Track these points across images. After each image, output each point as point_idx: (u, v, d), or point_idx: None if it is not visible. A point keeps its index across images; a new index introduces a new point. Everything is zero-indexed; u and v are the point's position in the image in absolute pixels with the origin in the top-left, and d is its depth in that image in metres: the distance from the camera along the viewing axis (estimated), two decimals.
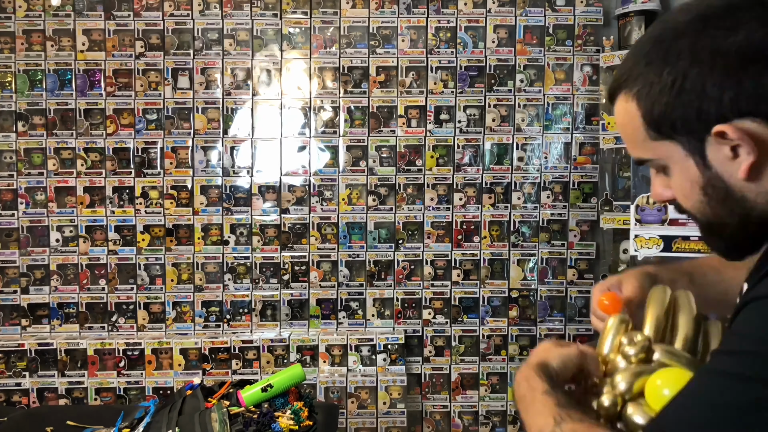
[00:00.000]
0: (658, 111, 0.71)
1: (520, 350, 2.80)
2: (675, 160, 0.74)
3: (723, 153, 0.70)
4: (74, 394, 2.69)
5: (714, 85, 0.67)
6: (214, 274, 2.79)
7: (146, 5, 2.75)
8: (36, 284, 2.76)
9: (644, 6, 2.56)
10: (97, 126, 2.77)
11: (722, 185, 0.72)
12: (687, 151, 0.72)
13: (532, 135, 2.78)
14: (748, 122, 0.66)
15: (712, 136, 0.69)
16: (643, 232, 1.34)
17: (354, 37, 2.77)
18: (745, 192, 0.70)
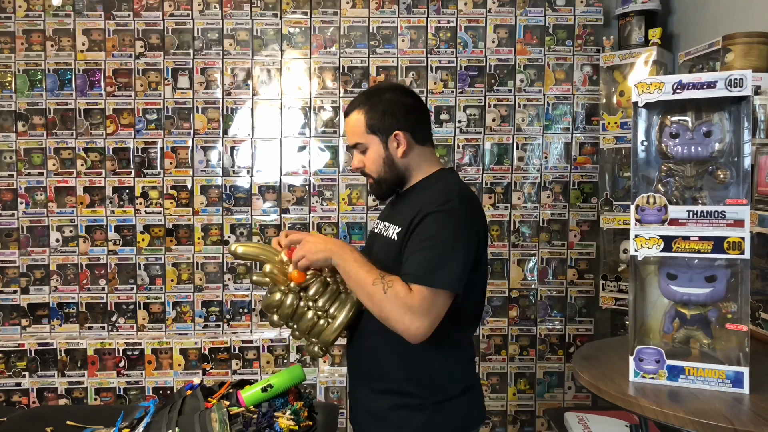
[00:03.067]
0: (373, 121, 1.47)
1: (520, 350, 2.80)
2: (373, 145, 1.49)
3: (393, 144, 1.48)
4: (74, 394, 2.69)
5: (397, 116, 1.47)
6: (214, 274, 2.79)
7: (146, 5, 2.75)
8: (36, 284, 2.76)
9: (644, 6, 2.56)
10: (97, 126, 2.77)
11: (390, 159, 1.49)
12: (381, 141, 1.48)
13: (532, 135, 2.78)
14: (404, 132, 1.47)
15: (392, 136, 1.48)
16: (643, 232, 1.34)
17: (354, 37, 2.77)
18: (397, 164, 1.50)
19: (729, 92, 1.27)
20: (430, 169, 1.51)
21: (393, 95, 1.49)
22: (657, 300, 1.42)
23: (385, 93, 1.49)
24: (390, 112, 1.46)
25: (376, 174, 1.50)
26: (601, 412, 2.34)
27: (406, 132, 1.47)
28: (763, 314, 1.68)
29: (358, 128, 1.48)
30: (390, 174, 1.49)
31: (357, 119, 1.48)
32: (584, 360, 1.53)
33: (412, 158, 1.49)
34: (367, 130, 1.47)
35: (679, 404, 1.24)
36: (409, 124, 1.48)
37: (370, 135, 1.47)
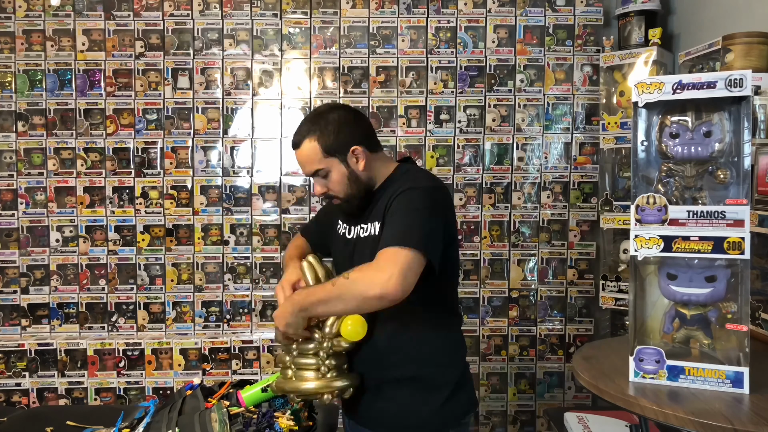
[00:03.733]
0: (328, 143, 1.48)
1: (520, 350, 2.80)
2: (334, 167, 1.49)
3: (353, 160, 1.50)
4: (74, 394, 2.69)
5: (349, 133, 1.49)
6: (214, 274, 2.79)
7: (146, 5, 2.75)
8: (36, 284, 2.76)
9: (644, 6, 2.56)
10: (97, 126, 2.77)
11: (353, 175, 1.50)
12: (341, 161, 1.49)
13: (532, 135, 2.78)
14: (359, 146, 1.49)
15: (350, 152, 1.49)
16: (643, 232, 1.34)
17: (354, 37, 2.77)
18: (361, 177, 1.51)
19: (729, 92, 1.27)
20: (389, 169, 1.56)
21: (336, 114, 1.50)
22: (657, 300, 1.42)
23: (329, 114, 1.50)
24: (341, 130, 1.48)
25: (343, 194, 1.51)
26: (601, 412, 2.34)
27: (361, 145, 1.49)
28: (763, 314, 1.68)
29: (314, 156, 1.48)
30: (357, 189, 1.51)
31: (310, 146, 1.48)
32: (584, 360, 1.53)
33: (371, 168, 1.52)
34: (324, 155, 1.47)
35: (679, 404, 1.23)
36: (361, 137, 1.50)
37: (329, 158, 1.48)
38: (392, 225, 1.38)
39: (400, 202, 1.41)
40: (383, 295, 1.29)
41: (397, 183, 1.49)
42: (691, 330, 1.38)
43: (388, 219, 1.41)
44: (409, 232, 1.33)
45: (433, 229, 1.38)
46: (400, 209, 1.39)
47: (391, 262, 1.30)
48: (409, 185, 1.43)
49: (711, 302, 1.35)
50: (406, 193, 1.41)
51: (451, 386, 1.50)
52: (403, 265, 1.29)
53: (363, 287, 1.31)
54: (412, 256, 1.31)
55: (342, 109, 1.55)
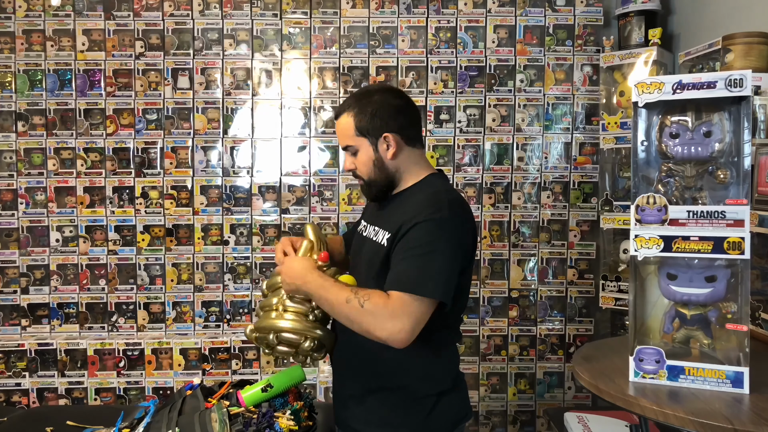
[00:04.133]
0: (362, 123, 1.47)
1: (520, 350, 2.80)
2: (363, 148, 1.49)
3: (383, 146, 1.48)
4: (74, 394, 2.69)
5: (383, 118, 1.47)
6: (214, 274, 2.79)
7: (146, 5, 2.75)
8: (36, 284, 2.76)
9: (644, 6, 2.56)
10: (97, 126, 2.77)
11: (380, 161, 1.49)
12: (370, 144, 1.48)
13: (532, 135, 2.78)
14: (393, 134, 1.47)
15: (381, 138, 1.47)
16: (643, 232, 1.34)
17: (354, 37, 2.77)
18: (388, 166, 1.50)
19: (729, 92, 1.27)
20: (420, 173, 1.51)
21: (382, 97, 1.48)
22: (657, 300, 1.42)
23: (374, 95, 1.49)
24: (379, 114, 1.46)
25: (367, 176, 1.51)
26: (601, 412, 2.34)
27: (395, 134, 1.46)
28: (763, 314, 1.68)
29: (348, 131, 1.49)
30: (380, 176, 1.50)
31: (346, 122, 1.49)
32: (584, 360, 1.53)
33: (402, 160, 1.49)
34: (356, 133, 1.48)
35: (679, 404, 1.24)
36: (398, 126, 1.47)
37: (360, 137, 1.48)
38: (409, 263, 1.34)
39: (419, 235, 1.35)
40: (388, 341, 1.30)
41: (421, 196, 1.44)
42: (691, 330, 1.38)
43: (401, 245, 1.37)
44: (427, 278, 1.31)
45: (449, 270, 1.35)
46: (420, 245, 1.34)
47: (405, 313, 1.29)
48: (433, 215, 1.36)
49: (711, 302, 1.35)
50: (428, 225, 1.35)
51: (434, 398, 1.47)
52: (416, 318, 1.30)
53: (372, 325, 1.30)
54: (427, 305, 1.32)
55: (389, 93, 1.52)
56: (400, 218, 1.41)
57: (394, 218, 1.44)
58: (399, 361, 1.43)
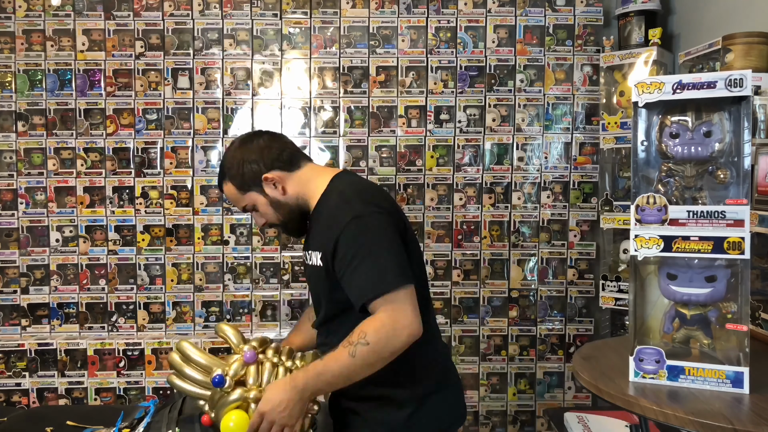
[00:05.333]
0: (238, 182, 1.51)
1: (520, 350, 2.80)
2: (257, 200, 1.52)
3: (270, 187, 1.51)
4: (74, 394, 2.69)
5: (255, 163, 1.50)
6: (214, 274, 2.79)
7: (146, 5, 2.75)
8: (36, 284, 2.76)
9: (644, 6, 2.56)
10: (97, 126, 2.77)
11: (276, 202, 1.51)
12: (258, 193, 1.52)
13: (532, 135, 2.78)
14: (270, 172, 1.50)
15: (263, 182, 1.50)
16: (643, 232, 1.34)
17: (354, 37, 2.77)
18: (286, 201, 1.52)
19: (729, 92, 1.27)
20: (320, 185, 1.51)
21: (237, 151, 1.52)
22: (657, 300, 1.42)
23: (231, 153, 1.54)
24: (246, 166, 1.50)
25: (277, 219, 1.55)
26: (601, 412, 2.34)
27: (271, 170, 1.50)
28: (763, 314, 1.68)
29: (234, 196, 1.55)
30: (287, 212, 1.53)
31: (229, 189, 1.55)
32: (584, 360, 1.53)
33: (294, 187, 1.51)
34: (241, 192, 1.53)
35: (679, 404, 1.24)
36: (270, 163, 1.50)
37: (247, 194, 1.52)
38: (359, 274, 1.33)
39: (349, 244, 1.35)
40: (412, 338, 1.31)
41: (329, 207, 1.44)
42: (691, 330, 1.38)
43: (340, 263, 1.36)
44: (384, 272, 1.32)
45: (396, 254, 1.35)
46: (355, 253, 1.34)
47: (398, 312, 1.30)
48: (347, 219, 1.36)
49: (711, 302, 1.35)
50: (349, 232, 1.35)
51: (415, 403, 1.44)
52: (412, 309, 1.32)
53: (392, 344, 1.29)
54: (405, 293, 1.32)
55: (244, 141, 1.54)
56: (322, 235, 1.43)
57: (318, 237, 1.47)
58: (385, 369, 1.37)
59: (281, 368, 1.39)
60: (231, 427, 1.29)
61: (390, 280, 1.31)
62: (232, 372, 1.34)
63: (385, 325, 1.29)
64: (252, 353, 1.37)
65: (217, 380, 1.32)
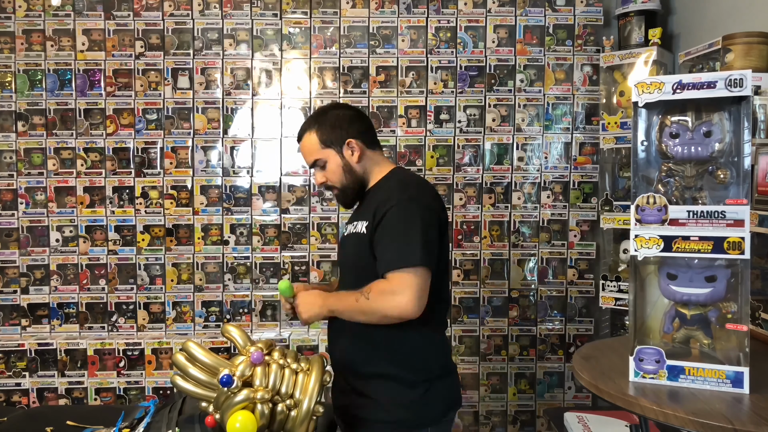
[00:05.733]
0: (325, 136, 1.63)
1: (520, 350, 2.80)
2: (331, 158, 1.63)
3: (348, 152, 1.63)
4: (74, 394, 2.69)
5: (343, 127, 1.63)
6: (214, 274, 2.79)
7: (146, 5, 2.75)
8: (36, 284, 2.76)
9: (644, 6, 2.56)
10: (97, 126, 2.77)
11: (348, 166, 1.64)
12: (337, 152, 1.63)
13: (532, 135, 2.78)
14: (355, 139, 1.63)
15: (345, 144, 1.63)
16: (643, 232, 1.34)
17: (354, 37, 2.77)
18: (356, 169, 1.64)
19: (729, 92, 1.27)
20: (384, 170, 1.67)
21: (335, 111, 1.66)
22: (657, 300, 1.42)
23: (328, 111, 1.67)
24: (338, 125, 1.63)
25: (339, 183, 1.66)
26: (601, 412, 2.34)
27: (356, 139, 1.63)
28: (763, 314, 1.68)
29: (313, 147, 1.64)
30: (351, 180, 1.65)
31: (310, 139, 1.64)
32: (584, 360, 1.53)
33: (366, 162, 1.66)
34: (321, 146, 1.63)
35: (679, 404, 1.23)
36: (357, 132, 1.64)
37: (326, 149, 1.63)
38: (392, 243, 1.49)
39: (394, 217, 1.50)
40: (402, 316, 1.45)
41: (389, 184, 1.61)
42: (691, 330, 1.38)
43: (380, 231, 1.51)
44: (409, 251, 1.46)
45: (427, 239, 1.49)
46: (395, 224, 1.49)
47: (405, 285, 1.44)
48: (402, 196, 1.52)
49: (711, 302, 1.35)
50: (399, 206, 1.51)
51: (426, 384, 1.56)
52: (416, 287, 1.45)
53: (384, 308, 1.46)
54: (421, 274, 1.46)
55: (343, 107, 1.71)
56: (374, 206, 1.56)
57: (369, 208, 1.59)
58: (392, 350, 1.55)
59: (287, 370, 1.38)
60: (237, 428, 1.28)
61: (409, 257, 1.46)
62: (239, 372, 1.34)
63: (386, 292, 1.46)
64: (259, 354, 1.36)
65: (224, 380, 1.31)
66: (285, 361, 1.40)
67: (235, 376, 1.33)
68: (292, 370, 1.39)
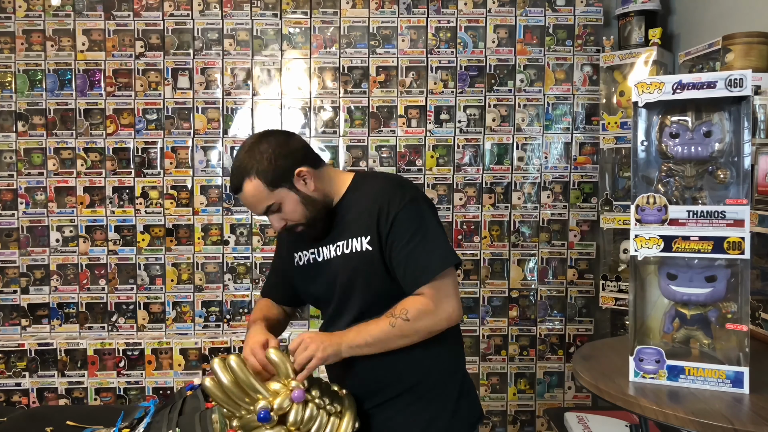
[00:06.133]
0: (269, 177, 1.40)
1: (520, 350, 2.79)
2: (285, 197, 1.42)
3: (300, 182, 1.43)
4: (74, 394, 2.69)
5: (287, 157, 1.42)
6: (214, 274, 2.79)
7: (146, 5, 2.75)
8: (36, 284, 2.76)
9: (644, 6, 2.56)
10: (97, 126, 2.77)
11: (307, 198, 1.43)
12: (288, 189, 1.42)
13: (532, 135, 2.78)
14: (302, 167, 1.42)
15: (295, 176, 1.42)
16: (643, 232, 1.34)
17: (354, 37, 2.77)
18: (316, 197, 1.45)
19: (729, 92, 1.27)
20: (344, 180, 1.51)
21: (264, 145, 1.42)
22: (657, 300, 1.42)
23: (259, 146, 1.42)
24: (277, 159, 1.41)
25: (304, 218, 1.45)
26: (601, 412, 2.34)
27: (303, 165, 1.43)
28: (763, 314, 1.68)
29: (259, 194, 1.41)
30: (315, 210, 1.45)
31: (252, 187, 1.40)
32: (584, 360, 1.53)
33: (322, 184, 1.47)
34: (269, 189, 1.40)
35: (679, 404, 1.24)
36: (301, 158, 1.44)
37: (275, 190, 1.41)
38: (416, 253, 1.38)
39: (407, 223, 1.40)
40: (450, 324, 1.41)
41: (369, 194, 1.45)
42: (691, 330, 1.38)
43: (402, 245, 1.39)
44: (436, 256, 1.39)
45: (443, 235, 1.44)
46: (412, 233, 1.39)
47: (444, 294, 1.38)
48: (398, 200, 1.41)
49: (711, 302, 1.35)
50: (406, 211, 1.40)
51: (454, 397, 1.48)
52: (454, 290, 1.40)
53: (432, 325, 1.38)
54: (453, 277, 1.42)
55: (270, 135, 1.47)
56: (369, 217, 1.42)
57: (359, 221, 1.44)
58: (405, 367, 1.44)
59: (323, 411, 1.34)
60: None
61: (439, 262, 1.38)
62: (277, 406, 1.30)
63: (427, 308, 1.37)
64: (301, 393, 1.31)
65: (262, 416, 1.30)
66: (322, 401, 1.36)
67: (273, 411, 1.30)
68: (327, 412, 1.35)
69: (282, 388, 1.33)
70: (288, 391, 1.32)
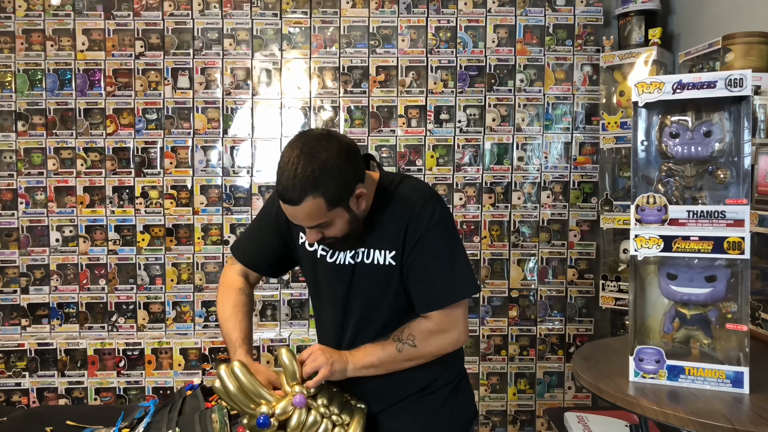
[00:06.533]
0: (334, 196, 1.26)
1: (520, 350, 2.79)
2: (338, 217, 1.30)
3: (354, 202, 1.32)
4: (74, 394, 2.69)
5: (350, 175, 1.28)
6: (214, 274, 2.79)
7: (146, 5, 2.75)
8: (36, 284, 2.76)
9: (644, 6, 2.56)
10: (97, 126, 2.77)
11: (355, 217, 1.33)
12: (344, 209, 1.30)
13: (532, 135, 2.78)
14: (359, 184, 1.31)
15: (354, 196, 1.30)
16: (643, 232, 1.34)
17: (354, 37, 2.77)
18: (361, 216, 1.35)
19: (729, 92, 1.27)
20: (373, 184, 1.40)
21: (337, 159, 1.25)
22: (657, 300, 1.42)
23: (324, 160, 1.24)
24: (344, 176, 1.26)
25: (341, 233, 1.34)
26: (601, 412, 2.34)
27: (359, 183, 1.31)
28: (763, 314, 1.68)
29: (318, 212, 1.27)
30: (357, 229, 1.35)
31: (315, 204, 1.25)
32: (584, 360, 1.53)
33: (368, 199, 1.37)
34: (328, 208, 1.27)
35: (679, 404, 1.23)
36: (360, 174, 1.32)
37: (333, 209, 1.28)
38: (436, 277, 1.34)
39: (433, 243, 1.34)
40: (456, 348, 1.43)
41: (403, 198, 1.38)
42: (691, 330, 1.38)
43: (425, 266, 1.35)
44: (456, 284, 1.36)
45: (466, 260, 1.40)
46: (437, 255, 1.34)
47: (454, 321, 1.37)
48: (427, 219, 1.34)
49: (711, 302, 1.35)
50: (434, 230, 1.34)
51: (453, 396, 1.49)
52: (464, 318, 1.40)
53: (437, 349, 1.39)
54: (465, 306, 1.40)
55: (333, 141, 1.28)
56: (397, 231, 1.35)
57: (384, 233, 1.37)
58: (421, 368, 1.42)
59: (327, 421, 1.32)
60: None
61: (457, 291, 1.36)
62: (279, 410, 1.29)
63: (434, 333, 1.37)
64: (301, 399, 1.30)
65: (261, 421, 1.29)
66: (328, 410, 1.34)
67: (273, 417, 1.29)
68: (331, 422, 1.33)
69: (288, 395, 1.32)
70: (291, 395, 1.31)
